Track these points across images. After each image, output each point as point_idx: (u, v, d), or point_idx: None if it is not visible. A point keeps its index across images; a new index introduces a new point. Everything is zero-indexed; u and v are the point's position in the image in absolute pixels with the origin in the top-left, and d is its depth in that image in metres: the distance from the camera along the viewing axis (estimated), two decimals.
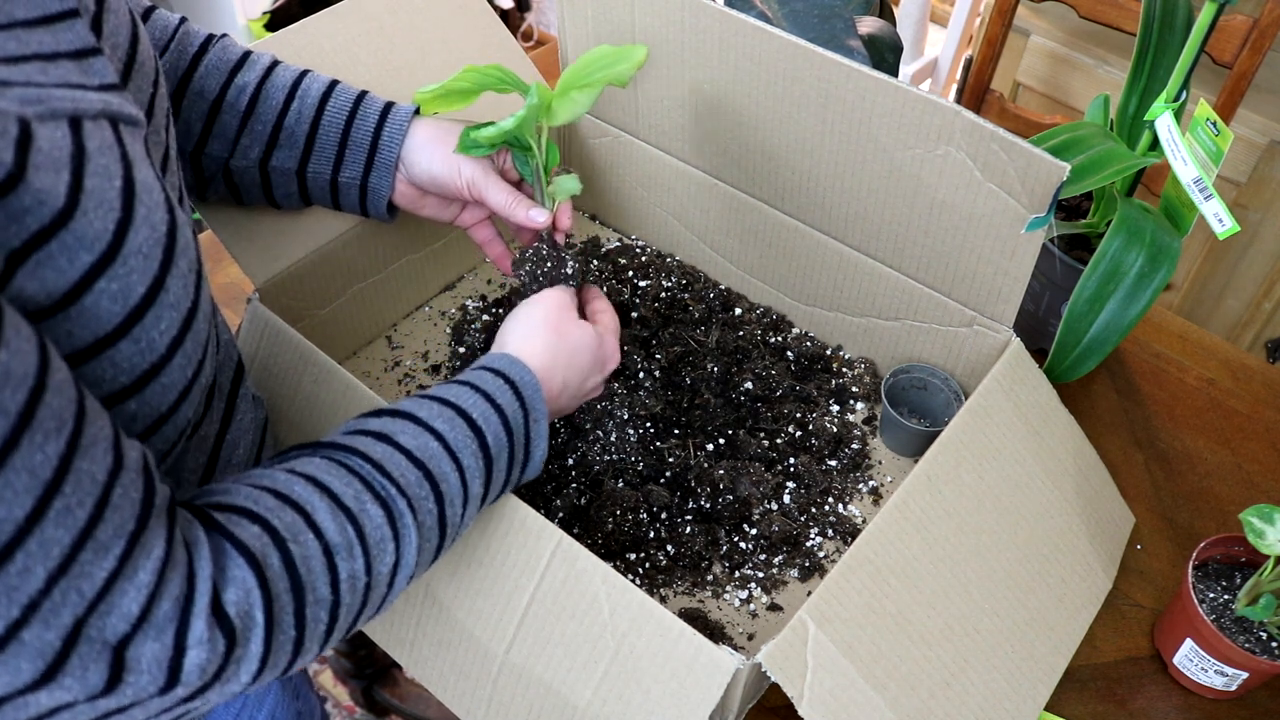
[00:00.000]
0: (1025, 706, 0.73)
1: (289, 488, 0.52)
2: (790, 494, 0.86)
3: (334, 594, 0.51)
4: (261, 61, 0.76)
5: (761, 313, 1.01)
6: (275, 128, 0.75)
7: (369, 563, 0.53)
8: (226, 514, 0.50)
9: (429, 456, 0.57)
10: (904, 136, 0.77)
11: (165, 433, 0.52)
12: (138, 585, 0.42)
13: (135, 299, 0.46)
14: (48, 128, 0.43)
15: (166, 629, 0.44)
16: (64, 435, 0.40)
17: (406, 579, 0.56)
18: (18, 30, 0.46)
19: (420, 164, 0.76)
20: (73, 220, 0.43)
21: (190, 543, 0.46)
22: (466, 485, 0.59)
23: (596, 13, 0.92)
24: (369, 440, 0.57)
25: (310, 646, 0.51)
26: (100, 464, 0.42)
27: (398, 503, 0.55)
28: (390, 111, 0.77)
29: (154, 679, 0.44)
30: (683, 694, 0.61)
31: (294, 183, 0.77)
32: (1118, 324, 0.85)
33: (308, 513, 0.51)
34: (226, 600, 0.46)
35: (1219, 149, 0.84)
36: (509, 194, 0.76)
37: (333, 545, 0.51)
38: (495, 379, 0.64)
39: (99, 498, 0.41)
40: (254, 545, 0.48)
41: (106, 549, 0.41)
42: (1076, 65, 1.77)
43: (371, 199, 0.78)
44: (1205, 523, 0.90)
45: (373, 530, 0.53)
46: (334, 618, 0.52)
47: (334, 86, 0.77)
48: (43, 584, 0.39)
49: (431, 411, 0.60)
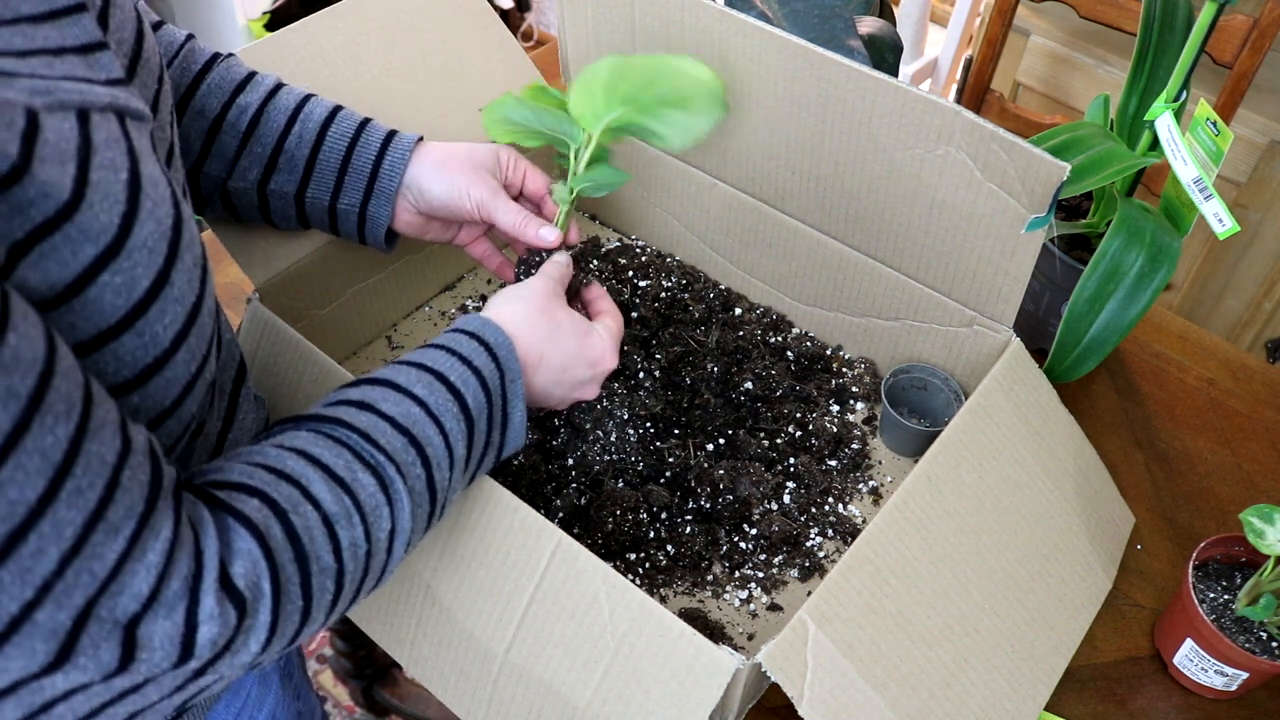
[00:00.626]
0: (1025, 706, 0.73)
1: (281, 462, 0.53)
2: (790, 494, 0.86)
3: (338, 562, 0.52)
4: (265, 83, 0.76)
5: (761, 313, 1.01)
6: (275, 151, 0.75)
7: (368, 529, 0.54)
8: (226, 490, 0.50)
9: (412, 422, 0.58)
10: (904, 136, 0.77)
11: (169, 428, 0.52)
12: (147, 565, 0.43)
13: (139, 292, 0.46)
14: (55, 119, 0.43)
15: (177, 607, 0.44)
16: (73, 418, 0.40)
17: (404, 545, 0.57)
18: (24, 25, 0.46)
19: (429, 191, 0.76)
20: (77, 213, 0.43)
21: (195, 521, 0.47)
22: (451, 448, 0.60)
23: (596, 13, 0.92)
24: (352, 410, 0.58)
25: (317, 615, 0.52)
26: (109, 446, 0.42)
27: (387, 469, 0.56)
28: (392, 140, 0.76)
29: (167, 655, 0.44)
30: (683, 694, 0.61)
31: (292, 207, 0.77)
32: (1118, 324, 0.85)
33: (303, 485, 0.52)
34: (234, 573, 0.47)
35: (1219, 149, 0.84)
36: (518, 214, 0.76)
37: (331, 515, 0.52)
38: (470, 341, 0.64)
39: (109, 479, 0.42)
40: (256, 518, 0.49)
41: (117, 530, 0.42)
42: (1076, 65, 1.77)
43: (370, 227, 0.78)
44: (1205, 523, 0.90)
45: (367, 498, 0.54)
46: (339, 586, 0.52)
47: (337, 112, 0.77)
48: (56, 565, 0.40)
49: (410, 377, 0.60)
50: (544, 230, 0.76)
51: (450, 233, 0.82)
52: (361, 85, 0.88)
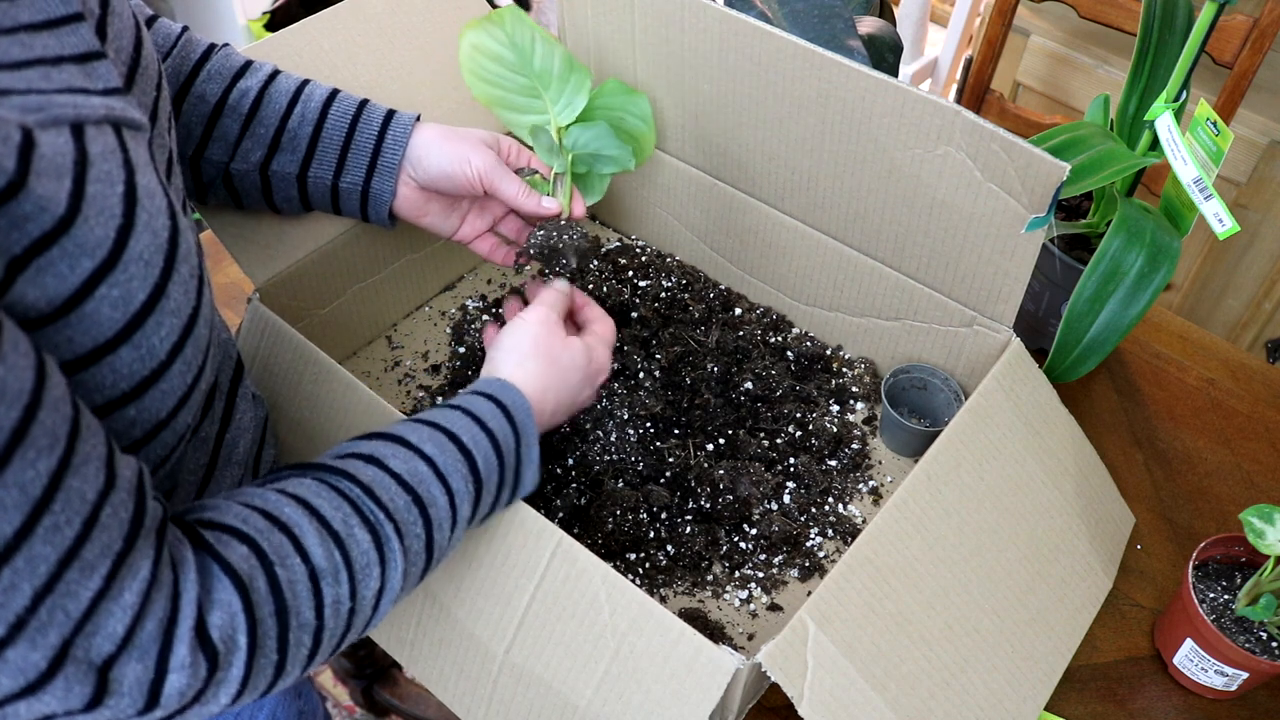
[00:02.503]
0: (1025, 706, 0.73)
1: (279, 509, 0.52)
2: (790, 494, 0.86)
3: (318, 619, 0.51)
4: (264, 69, 0.76)
5: (761, 313, 1.01)
6: (278, 131, 0.75)
7: (354, 588, 0.53)
8: (216, 532, 0.50)
9: (418, 481, 0.57)
10: (904, 136, 0.77)
11: (164, 438, 0.52)
12: (123, 606, 0.42)
13: (136, 305, 0.46)
14: (50, 134, 0.43)
15: (150, 650, 0.43)
16: (56, 452, 0.40)
17: (391, 602, 0.56)
18: (22, 34, 0.46)
19: (430, 160, 0.76)
20: (74, 227, 0.43)
21: (177, 562, 0.46)
22: (455, 509, 0.59)
23: (596, 13, 0.92)
24: (359, 463, 0.57)
25: (291, 670, 0.51)
26: (91, 482, 0.42)
27: (385, 528, 0.55)
28: (393, 118, 0.77)
29: (134, 701, 0.44)
30: (683, 694, 0.61)
31: (294, 187, 0.77)
32: (1118, 324, 0.85)
33: (296, 536, 0.51)
34: (211, 623, 0.46)
35: (1219, 149, 0.84)
36: (519, 184, 0.77)
37: (319, 570, 0.51)
38: (487, 403, 0.64)
39: (87, 516, 0.41)
40: (241, 568, 0.48)
41: (93, 568, 0.41)
42: (1076, 65, 1.77)
43: (373, 204, 0.78)
44: (1205, 523, 0.90)
45: (359, 555, 0.53)
46: (316, 642, 0.51)
47: (336, 93, 0.77)
48: (29, 601, 0.39)
49: (422, 435, 0.60)
50: (546, 200, 0.77)
51: (450, 222, 0.82)
52: (360, 85, 0.88)
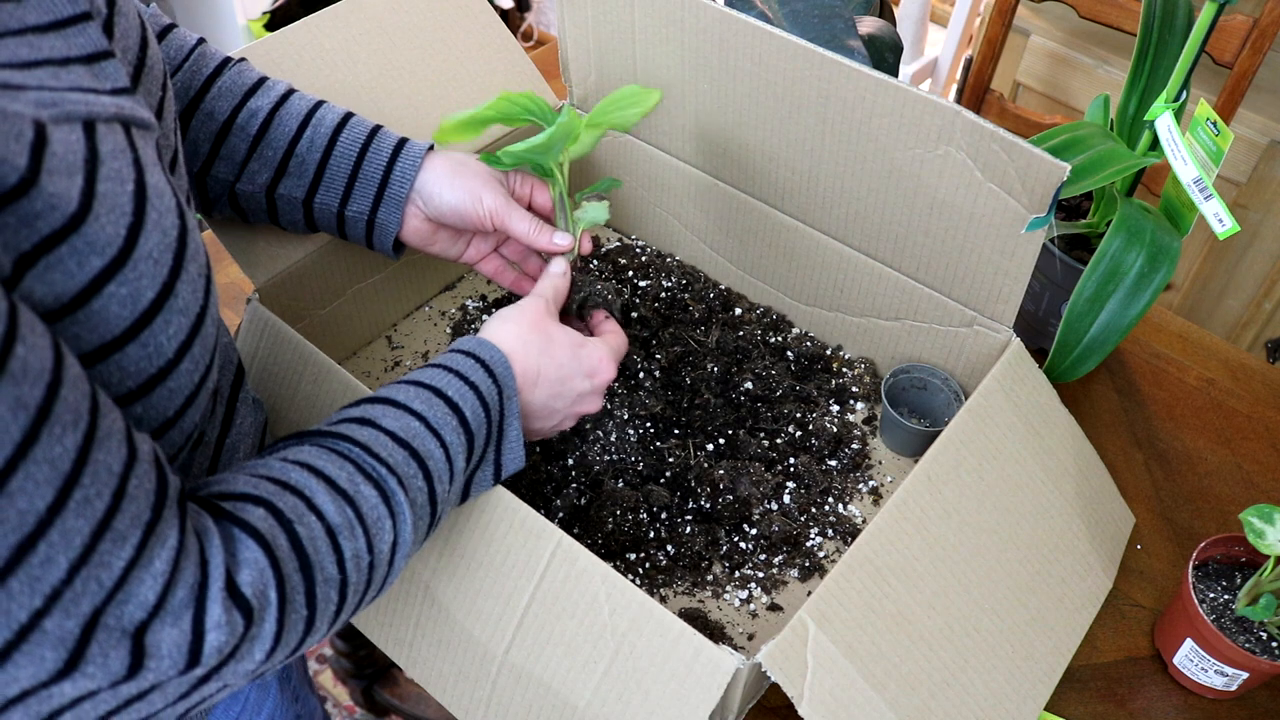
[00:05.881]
0: (1025, 706, 0.73)
1: (285, 474, 0.53)
2: (790, 494, 0.86)
3: (341, 573, 0.52)
4: (277, 89, 0.75)
5: (761, 313, 1.01)
6: (285, 156, 0.75)
7: (370, 541, 0.54)
8: (231, 501, 0.51)
9: (412, 436, 0.59)
10: (904, 136, 0.77)
11: (171, 438, 0.52)
12: (154, 573, 0.43)
13: (144, 303, 0.46)
14: (62, 131, 0.43)
15: (183, 615, 0.44)
16: (81, 428, 0.40)
17: (405, 557, 0.58)
18: (30, 35, 0.46)
19: (442, 197, 0.76)
20: (84, 224, 0.43)
21: (200, 531, 0.47)
22: (451, 460, 0.60)
23: (596, 13, 0.92)
24: (353, 426, 0.58)
25: (320, 625, 0.52)
26: (116, 456, 0.42)
27: (389, 481, 0.56)
28: (404, 148, 0.76)
29: (174, 663, 0.45)
30: (683, 694, 0.61)
31: (300, 211, 0.77)
32: (1118, 324, 0.85)
33: (307, 496, 0.52)
34: (241, 581, 0.47)
35: (1219, 149, 0.84)
36: (531, 221, 0.77)
37: (334, 526, 0.52)
38: (466, 359, 0.65)
39: (116, 488, 0.42)
40: (261, 527, 0.49)
41: (124, 538, 0.42)
42: (1076, 65, 1.77)
43: (378, 234, 0.78)
44: (1205, 523, 0.90)
45: (369, 510, 0.55)
46: (343, 597, 0.53)
47: (349, 119, 0.77)
48: (65, 573, 0.40)
49: (409, 394, 0.61)
50: (557, 236, 0.77)
51: (456, 248, 0.82)
52: (361, 85, 0.88)
